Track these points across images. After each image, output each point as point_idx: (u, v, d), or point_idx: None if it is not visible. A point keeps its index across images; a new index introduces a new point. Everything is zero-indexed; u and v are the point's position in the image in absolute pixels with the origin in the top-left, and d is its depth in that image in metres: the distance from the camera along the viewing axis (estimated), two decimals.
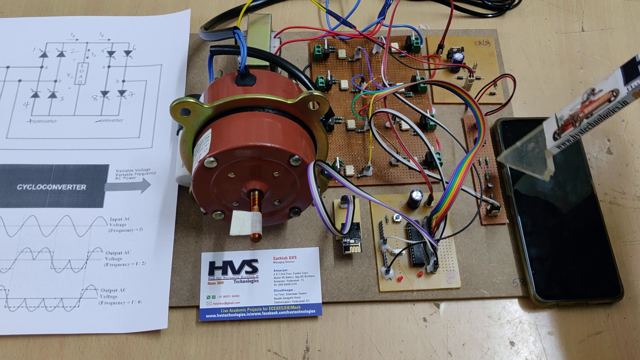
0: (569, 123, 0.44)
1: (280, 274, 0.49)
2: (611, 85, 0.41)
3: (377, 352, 0.47)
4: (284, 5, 0.64)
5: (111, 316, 0.47)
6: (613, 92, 0.41)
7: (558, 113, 0.46)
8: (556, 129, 0.45)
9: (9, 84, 0.58)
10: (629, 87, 0.40)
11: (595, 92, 0.43)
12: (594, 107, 0.42)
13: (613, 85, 0.41)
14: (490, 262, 0.50)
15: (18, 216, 0.51)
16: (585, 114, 0.43)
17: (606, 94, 0.42)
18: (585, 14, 0.65)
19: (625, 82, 0.40)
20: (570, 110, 0.45)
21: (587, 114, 0.43)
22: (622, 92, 0.41)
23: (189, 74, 0.59)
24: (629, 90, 0.40)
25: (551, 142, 0.46)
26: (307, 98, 0.42)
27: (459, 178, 0.45)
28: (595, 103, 0.42)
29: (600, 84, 0.43)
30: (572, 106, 0.44)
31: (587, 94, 0.43)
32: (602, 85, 0.42)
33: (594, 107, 0.42)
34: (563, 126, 0.45)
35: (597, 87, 0.43)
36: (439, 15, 0.64)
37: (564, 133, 0.44)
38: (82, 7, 0.64)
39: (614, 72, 0.42)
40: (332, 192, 0.53)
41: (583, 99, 0.44)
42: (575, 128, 0.43)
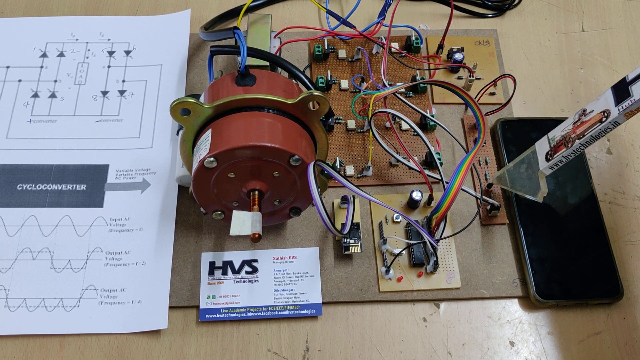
0: (561, 144, 0.44)
1: (280, 274, 0.49)
2: (602, 105, 0.41)
3: (377, 352, 0.47)
4: (284, 5, 0.64)
5: (111, 316, 0.47)
6: (604, 113, 0.41)
7: (550, 134, 0.45)
8: (548, 149, 0.45)
9: (9, 84, 0.58)
10: (620, 107, 0.40)
11: (586, 113, 0.43)
12: (586, 127, 0.42)
13: (604, 105, 0.41)
14: (490, 262, 0.50)
15: (18, 216, 0.51)
16: (577, 134, 0.43)
17: (597, 114, 0.41)
18: (585, 14, 0.65)
19: (616, 102, 0.40)
20: (562, 130, 0.44)
21: (579, 134, 0.42)
22: (613, 113, 0.40)
23: (189, 74, 0.59)
24: (620, 111, 0.40)
25: (544, 162, 0.45)
26: (307, 98, 0.42)
27: (459, 178, 0.45)
28: (587, 124, 0.42)
29: (592, 104, 0.42)
30: (564, 127, 0.44)
31: (578, 115, 0.43)
32: (593, 105, 0.42)
33: (585, 128, 0.42)
34: (555, 147, 0.44)
35: (588, 108, 0.43)
36: (439, 15, 0.64)
37: (557, 154, 0.44)
38: (82, 7, 0.64)
39: (604, 92, 0.42)
40: (332, 192, 0.53)
41: (575, 120, 0.43)
42: (568, 149, 0.43)
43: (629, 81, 0.40)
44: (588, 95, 0.60)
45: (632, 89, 0.40)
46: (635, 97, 0.39)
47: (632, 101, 0.39)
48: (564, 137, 0.44)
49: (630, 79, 0.40)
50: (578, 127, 0.43)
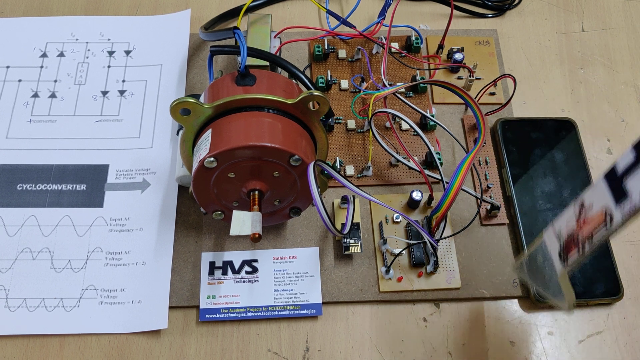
0: (571, 243, 0.39)
1: (280, 274, 0.49)
2: (600, 201, 0.36)
3: (377, 352, 0.47)
4: (284, 5, 0.64)
5: (111, 316, 0.47)
6: (606, 213, 0.36)
7: (556, 224, 0.40)
8: (559, 247, 0.40)
9: (9, 84, 0.58)
10: (620, 210, 0.35)
11: (584, 206, 0.38)
12: (592, 228, 0.37)
13: (602, 201, 0.36)
14: (490, 262, 0.50)
15: (18, 216, 0.51)
16: (585, 236, 0.37)
17: (599, 215, 0.36)
18: (585, 14, 0.65)
19: (615, 200, 0.35)
20: (566, 224, 0.39)
21: (587, 237, 0.37)
22: (616, 217, 0.35)
23: (189, 74, 0.59)
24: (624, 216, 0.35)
25: (559, 263, 0.40)
26: (307, 98, 0.42)
27: (459, 178, 0.45)
28: (591, 224, 0.37)
29: (588, 195, 0.37)
30: (567, 219, 0.39)
31: (578, 207, 0.38)
32: (590, 197, 0.37)
33: (592, 229, 0.37)
34: (566, 246, 0.39)
35: (586, 200, 0.38)
36: (439, 15, 0.64)
37: (570, 257, 0.39)
38: (82, 7, 0.64)
39: (597, 182, 0.36)
40: (332, 192, 0.53)
41: (576, 213, 0.38)
42: (580, 251, 0.38)
43: (621, 174, 0.35)
44: (588, 96, 0.60)
45: (628, 185, 0.34)
46: (634, 197, 0.34)
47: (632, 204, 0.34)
48: (571, 236, 0.39)
49: (620, 171, 0.35)
50: (583, 225, 0.38)
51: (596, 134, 0.57)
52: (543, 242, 0.41)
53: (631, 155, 0.34)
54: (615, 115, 0.59)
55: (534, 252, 0.42)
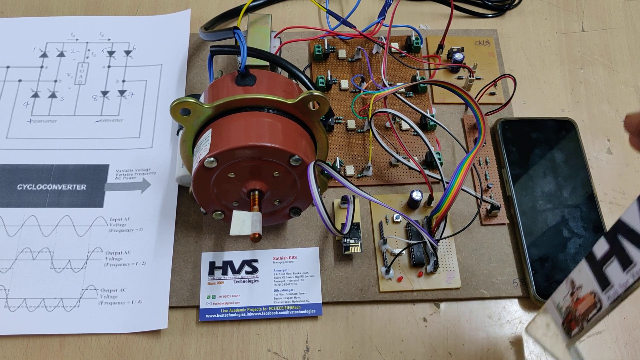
0: (571, 319, 0.39)
1: (280, 274, 0.49)
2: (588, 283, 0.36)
3: (377, 352, 0.47)
4: (284, 5, 0.64)
5: (111, 316, 0.47)
6: (595, 298, 0.36)
7: (554, 298, 0.41)
8: (561, 320, 0.40)
9: (9, 84, 0.58)
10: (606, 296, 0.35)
11: (575, 285, 0.38)
12: (585, 309, 0.37)
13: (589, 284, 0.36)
14: (490, 262, 0.50)
15: (18, 216, 0.51)
16: (581, 315, 0.38)
17: (589, 297, 0.37)
18: (585, 14, 0.65)
19: (600, 287, 0.36)
20: (563, 299, 0.40)
21: (583, 316, 0.38)
22: (604, 302, 0.36)
23: (189, 74, 0.59)
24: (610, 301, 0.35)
25: (564, 334, 0.40)
26: (307, 98, 0.42)
27: (459, 178, 0.45)
28: (584, 304, 0.37)
29: (576, 275, 0.38)
30: (562, 294, 0.40)
31: (569, 284, 0.39)
32: (578, 278, 0.38)
33: (585, 310, 0.37)
34: (567, 320, 0.40)
35: (575, 280, 0.38)
36: (439, 15, 0.64)
37: (574, 333, 0.39)
38: (82, 7, 0.64)
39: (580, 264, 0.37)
40: (332, 192, 0.53)
41: (568, 290, 0.39)
42: (580, 328, 0.39)
43: (600, 260, 0.35)
44: (588, 96, 0.60)
45: (608, 273, 0.35)
46: (615, 287, 0.34)
47: (616, 293, 0.35)
48: (570, 312, 0.39)
49: (599, 257, 0.35)
50: (578, 304, 0.38)
51: (596, 134, 0.57)
52: (547, 313, 0.42)
53: (606, 245, 0.34)
54: (615, 115, 0.59)
55: (542, 319, 0.43)
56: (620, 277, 0.34)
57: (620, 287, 0.34)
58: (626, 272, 0.33)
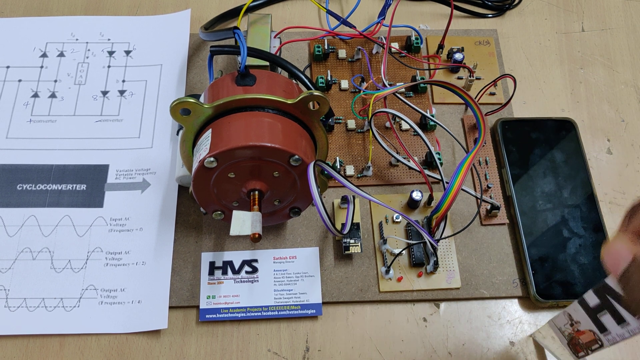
0: (576, 344, 0.39)
1: (280, 274, 0.49)
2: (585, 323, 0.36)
3: (377, 352, 0.47)
4: (284, 5, 0.64)
5: (111, 316, 0.47)
6: (596, 336, 0.36)
7: (556, 322, 0.41)
8: (566, 342, 0.40)
9: (9, 84, 0.58)
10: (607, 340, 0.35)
11: (574, 320, 0.38)
12: (588, 341, 0.37)
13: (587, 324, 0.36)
14: (490, 262, 0.50)
15: (18, 216, 0.51)
16: (585, 344, 0.38)
17: (589, 333, 0.37)
18: (585, 14, 0.65)
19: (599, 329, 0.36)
20: (564, 325, 0.40)
21: (587, 346, 0.38)
22: (604, 342, 0.36)
23: (189, 74, 0.59)
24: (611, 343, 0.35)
25: (571, 355, 0.41)
26: (307, 98, 0.42)
27: (459, 178, 0.45)
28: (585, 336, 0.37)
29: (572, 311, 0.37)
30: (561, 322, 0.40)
31: (567, 317, 0.38)
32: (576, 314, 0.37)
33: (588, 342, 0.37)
34: (572, 344, 0.40)
35: (572, 315, 0.38)
36: (439, 15, 0.64)
37: (580, 355, 0.39)
38: (82, 7, 0.64)
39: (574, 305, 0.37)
40: (332, 192, 0.53)
41: (567, 321, 0.39)
42: (586, 354, 0.39)
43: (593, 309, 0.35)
44: (588, 95, 0.60)
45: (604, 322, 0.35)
46: (613, 334, 0.34)
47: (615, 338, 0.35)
48: (572, 338, 0.39)
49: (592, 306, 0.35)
50: (580, 334, 0.38)
51: (596, 134, 0.57)
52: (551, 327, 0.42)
53: (595, 299, 0.35)
54: (615, 115, 0.59)
55: (547, 331, 0.43)
56: (616, 329, 0.34)
57: (619, 337, 0.34)
58: (621, 326, 0.34)
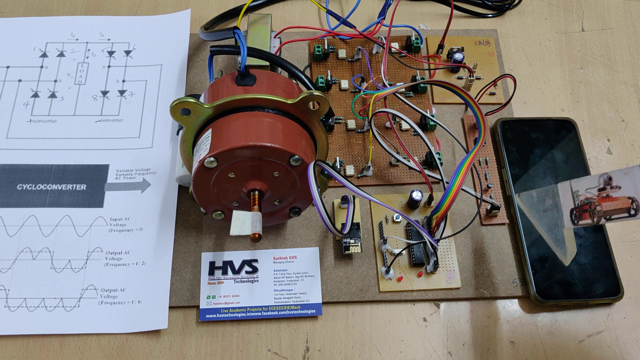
0: (586, 210, 0.39)
1: (280, 274, 0.49)
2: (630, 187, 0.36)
3: (377, 352, 0.47)
4: (284, 5, 0.64)
5: (111, 316, 0.47)
6: (633, 204, 0.35)
7: (574, 184, 0.40)
8: (573, 206, 0.40)
9: (9, 84, 0.58)
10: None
11: (612, 185, 0.37)
12: (612, 209, 0.37)
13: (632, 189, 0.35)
14: (490, 262, 0.50)
15: (18, 216, 0.51)
16: (604, 212, 0.37)
17: (625, 200, 0.36)
18: (585, 14, 0.65)
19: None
20: (585, 189, 0.39)
21: (606, 213, 0.37)
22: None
23: (189, 74, 0.59)
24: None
25: (569, 219, 0.41)
26: (307, 98, 0.42)
27: (459, 178, 0.45)
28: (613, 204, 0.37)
29: (619, 176, 0.37)
30: (588, 185, 0.39)
31: (604, 180, 0.38)
32: (620, 179, 0.37)
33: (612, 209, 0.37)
34: (580, 209, 0.39)
35: (614, 178, 0.37)
36: (439, 15, 0.64)
37: (582, 221, 0.40)
38: (82, 7, 0.64)
39: (632, 169, 0.36)
40: (332, 192, 0.53)
41: (599, 184, 0.38)
42: (594, 222, 0.39)
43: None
44: (588, 95, 0.60)
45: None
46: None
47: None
48: (589, 203, 0.39)
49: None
50: (604, 201, 0.38)
51: (596, 134, 0.57)
52: (556, 191, 0.41)
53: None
54: (615, 115, 0.59)
55: (545, 194, 0.42)
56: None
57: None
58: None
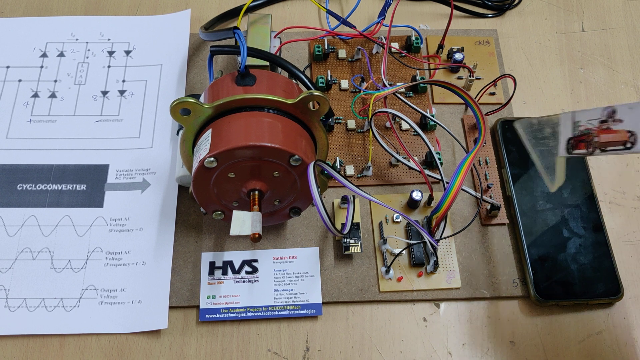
0: (582, 140, 0.40)
1: (280, 274, 0.49)
2: (633, 122, 0.36)
3: (377, 352, 0.47)
4: (284, 5, 0.64)
5: (111, 316, 0.47)
6: (631, 136, 0.36)
7: (577, 115, 0.41)
8: (571, 135, 0.41)
9: (9, 84, 0.58)
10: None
11: (615, 118, 0.38)
12: (610, 141, 0.38)
13: (634, 124, 0.36)
14: (490, 262, 0.50)
15: (18, 216, 0.51)
16: (600, 143, 0.39)
17: (624, 133, 0.37)
18: (585, 14, 0.65)
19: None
20: (587, 120, 0.40)
21: (602, 145, 0.38)
22: (638, 145, 0.36)
23: (189, 74, 0.59)
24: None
25: (564, 147, 0.42)
26: (307, 98, 0.42)
27: (460, 178, 0.45)
28: (612, 136, 0.38)
29: (624, 110, 0.38)
30: (590, 116, 0.40)
31: (607, 113, 0.39)
32: (625, 113, 0.37)
33: (609, 141, 0.38)
34: (577, 139, 0.40)
35: (619, 112, 0.38)
36: (439, 15, 0.64)
37: (576, 151, 0.41)
38: (82, 7, 0.64)
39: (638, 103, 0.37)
40: (332, 192, 0.53)
41: (602, 116, 0.39)
42: (588, 152, 0.40)
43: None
44: (588, 95, 0.60)
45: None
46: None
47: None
48: (587, 133, 0.40)
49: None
50: (603, 132, 0.38)
51: None
52: (558, 121, 0.42)
53: None
54: None
55: (545, 122, 0.43)
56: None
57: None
58: None
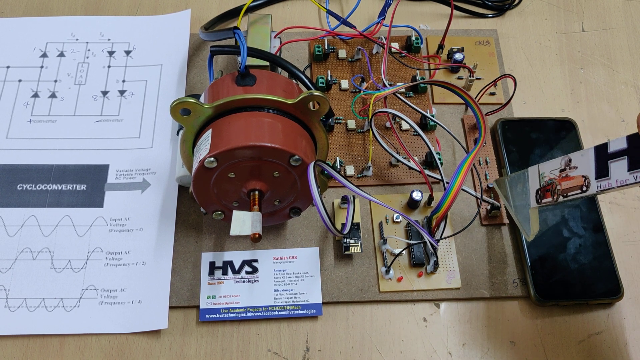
0: (548, 189, 0.43)
1: (280, 274, 0.49)
2: (585, 167, 0.39)
3: (377, 352, 0.47)
4: (284, 5, 0.64)
5: (111, 316, 0.47)
6: (585, 181, 0.39)
7: (541, 166, 0.44)
8: (538, 187, 0.44)
9: (9, 84, 0.58)
10: (598, 185, 0.38)
11: (571, 165, 0.41)
12: (569, 187, 0.40)
13: (586, 169, 0.39)
14: (490, 262, 0.50)
15: (18, 216, 0.51)
16: (562, 190, 0.41)
17: (579, 178, 0.40)
18: (585, 14, 0.65)
19: (596, 174, 0.38)
20: (550, 171, 0.43)
21: (564, 191, 0.41)
22: (592, 187, 0.39)
23: (189, 74, 0.59)
24: (598, 190, 0.38)
25: (534, 200, 0.44)
26: (307, 98, 0.42)
27: (460, 178, 0.45)
28: (570, 182, 0.40)
29: (576, 157, 0.40)
30: (552, 167, 0.42)
31: (564, 162, 0.41)
32: (578, 160, 0.40)
33: (569, 187, 0.40)
34: (544, 189, 0.43)
35: (573, 160, 0.41)
36: (439, 15, 0.64)
37: (544, 200, 0.43)
38: (82, 7, 0.64)
39: (587, 151, 0.40)
40: (332, 192, 0.53)
41: (561, 166, 0.42)
42: (554, 201, 0.42)
43: (610, 154, 0.38)
44: (588, 96, 0.60)
45: (612, 167, 0.38)
46: (612, 180, 0.37)
47: (609, 184, 0.37)
48: (551, 183, 0.42)
49: (611, 151, 0.38)
50: (563, 180, 0.41)
51: (596, 134, 0.57)
52: (527, 175, 0.45)
53: (624, 144, 0.37)
54: (615, 115, 0.59)
55: (517, 179, 0.47)
56: (621, 175, 0.37)
57: (616, 183, 0.37)
58: (630, 172, 0.36)
